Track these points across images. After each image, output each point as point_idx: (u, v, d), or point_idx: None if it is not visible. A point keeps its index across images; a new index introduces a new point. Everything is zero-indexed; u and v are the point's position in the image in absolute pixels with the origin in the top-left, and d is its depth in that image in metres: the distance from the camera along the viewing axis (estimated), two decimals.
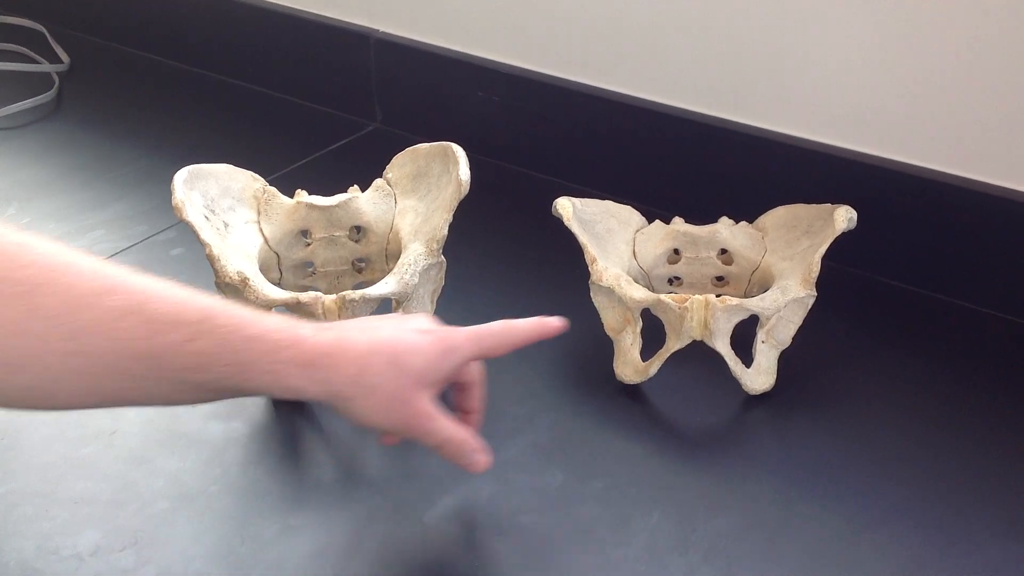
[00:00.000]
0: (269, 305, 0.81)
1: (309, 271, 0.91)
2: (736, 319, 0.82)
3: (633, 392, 0.85)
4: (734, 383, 0.84)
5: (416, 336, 0.69)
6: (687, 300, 0.81)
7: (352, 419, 0.68)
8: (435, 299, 0.87)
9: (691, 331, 0.82)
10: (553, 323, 0.74)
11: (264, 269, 0.87)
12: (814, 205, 0.88)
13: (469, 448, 0.71)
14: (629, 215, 0.92)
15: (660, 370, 0.84)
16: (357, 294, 0.81)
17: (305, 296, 0.81)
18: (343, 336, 0.67)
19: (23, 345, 0.60)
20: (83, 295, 0.61)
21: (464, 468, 0.72)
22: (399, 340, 0.68)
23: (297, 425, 0.84)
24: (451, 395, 0.75)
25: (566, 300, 0.92)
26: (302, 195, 0.91)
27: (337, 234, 0.91)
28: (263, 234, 0.89)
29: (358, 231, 0.92)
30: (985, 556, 0.72)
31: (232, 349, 0.64)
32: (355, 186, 0.92)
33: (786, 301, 0.83)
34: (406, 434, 0.70)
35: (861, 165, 0.96)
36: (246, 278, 0.81)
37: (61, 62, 1.40)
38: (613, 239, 0.90)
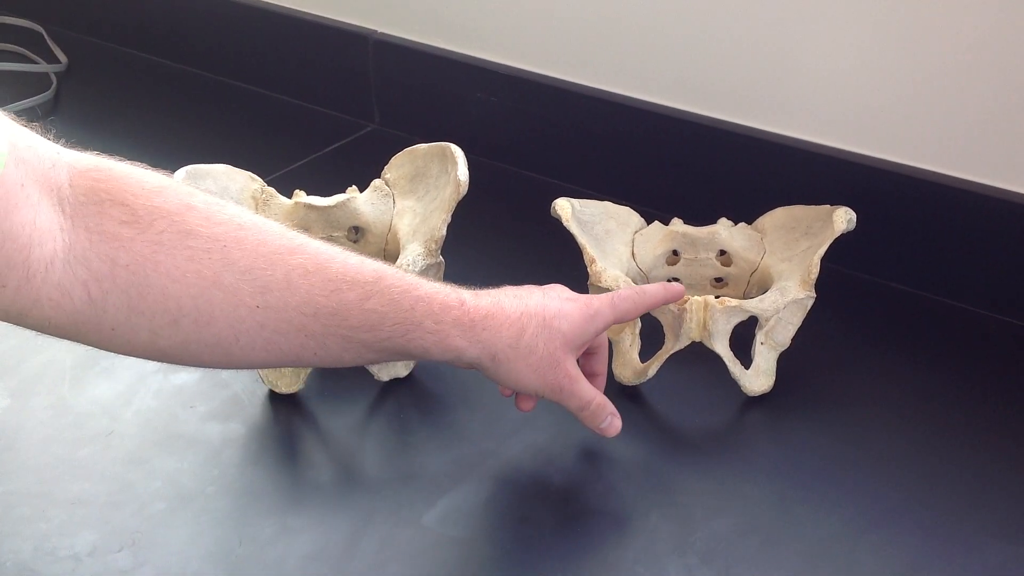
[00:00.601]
0: None
1: None
2: (735, 320, 0.82)
3: (632, 393, 0.85)
4: (733, 384, 0.83)
5: (562, 303, 0.73)
6: (686, 301, 0.81)
7: (504, 381, 0.72)
8: None
9: (690, 332, 0.81)
10: (677, 288, 0.80)
11: None
12: (813, 206, 0.88)
13: (607, 412, 0.76)
14: (628, 216, 0.92)
15: (659, 371, 0.84)
16: None
17: None
18: (499, 301, 0.71)
19: (217, 297, 0.62)
20: (271, 252, 0.64)
21: (599, 432, 0.76)
22: (548, 306, 0.72)
23: (295, 426, 0.84)
24: (579, 360, 0.76)
25: None
26: (300, 195, 0.91)
27: (335, 234, 0.91)
28: None
29: (356, 231, 0.91)
30: (983, 558, 0.71)
31: (401, 308, 0.67)
32: (353, 187, 0.92)
33: (785, 302, 0.83)
34: (552, 396, 0.74)
35: (860, 167, 0.96)
36: None
37: (59, 62, 1.40)
38: (612, 240, 0.89)
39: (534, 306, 0.72)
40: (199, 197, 0.64)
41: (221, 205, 0.65)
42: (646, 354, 0.85)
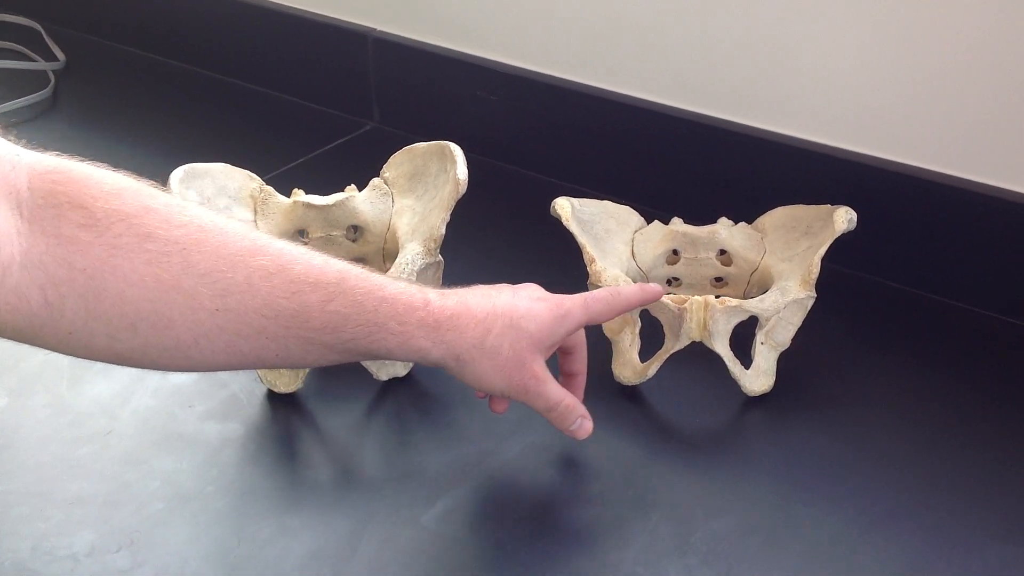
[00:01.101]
0: None
1: None
2: (735, 320, 0.82)
3: (632, 393, 0.85)
4: (733, 384, 0.83)
5: (531, 303, 0.72)
6: (686, 301, 0.81)
7: (470, 382, 0.71)
8: None
9: (690, 332, 0.81)
10: (655, 289, 0.78)
11: None
12: (813, 206, 0.88)
13: (577, 414, 0.74)
14: (628, 215, 0.92)
15: (659, 371, 0.84)
16: None
17: None
18: (465, 301, 0.70)
19: (176, 301, 0.62)
20: (233, 254, 0.63)
21: (569, 434, 0.75)
22: (516, 306, 0.71)
23: (293, 425, 0.83)
24: (557, 359, 0.76)
25: None
26: (299, 194, 0.90)
27: (334, 233, 0.90)
28: None
29: (355, 230, 0.91)
30: (984, 559, 0.71)
31: (365, 310, 0.66)
32: (352, 185, 0.92)
33: (785, 302, 0.83)
34: (519, 397, 0.73)
35: (861, 166, 0.96)
36: None
37: (57, 60, 1.39)
38: (612, 239, 0.89)
39: (502, 306, 0.71)
40: (160, 199, 0.63)
41: (182, 207, 0.64)
42: (646, 354, 0.85)
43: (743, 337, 0.83)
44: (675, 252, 0.91)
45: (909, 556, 0.72)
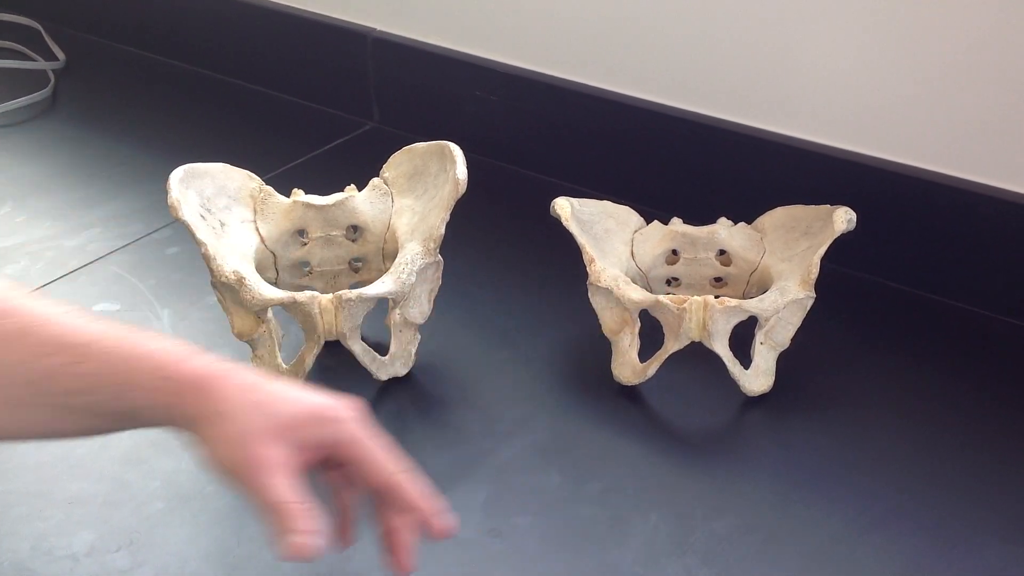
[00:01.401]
0: (265, 305, 0.80)
1: (306, 271, 0.91)
2: (735, 320, 0.82)
3: (631, 393, 0.85)
4: (732, 384, 0.83)
5: (306, 396, 0.62)
6: (685, 301, 0.81)
7: (202, 451, 0.61)
8: (432, 299, 0.87)
9: (689, 332, 0.81)
10: (437, 525, 0.64)
11: (260, 269, 0.86)
12: (813, 206, 0.88)
13: (300, 525, 0.58)
14: (627, 215, 0.92)
15: (658, 371, 0.84)
16: (354, 293, 0.81)
17: (302, 296, 0.80)
18: (232, 371, 0.61)
19: None
20: None
21: (281, 546, 0.58)
22: (282, 394, 0.61)
23: None
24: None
25: (564, 301, 0.92)
26: (299, 194, 0.90)
27: (334, 233, 0.90)
28: (259, 233, 0.88)
29: (355, 230, 0.91)
30: (983, 559, 0.71)
31: (117, 370, 0.60)
32: (352, 185, 0.92)
33: (785, 302, 0.83)
34: (240, 480, 0.60)
35: (860, 167, 0.96)
36: (242, 277, 0.81)
37: (57, 59, 1.39)
38: (611, 240, 0.89)
39: (267, 388, 0.61)
40: None
41: None
42: (645, 354, 0.85)
43: (743, 337, 0.83)
44: (674, 252, 0.90)
45: (909, 556, 0.72)
